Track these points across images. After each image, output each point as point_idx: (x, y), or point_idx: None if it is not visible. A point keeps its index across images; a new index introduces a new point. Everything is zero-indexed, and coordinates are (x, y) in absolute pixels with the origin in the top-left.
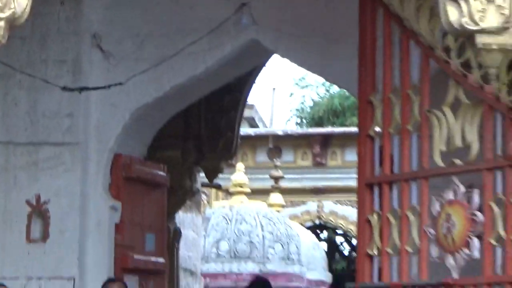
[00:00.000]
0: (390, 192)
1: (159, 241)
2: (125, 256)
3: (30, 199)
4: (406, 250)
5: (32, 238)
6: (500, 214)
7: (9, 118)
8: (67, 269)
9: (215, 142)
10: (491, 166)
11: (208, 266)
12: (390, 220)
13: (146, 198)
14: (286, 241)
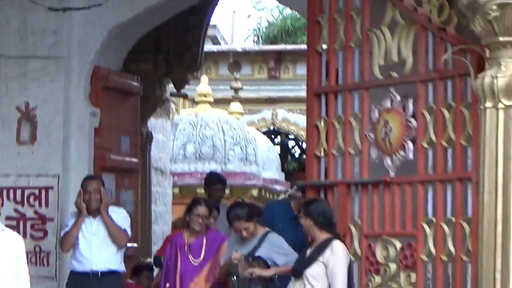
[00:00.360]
0: (335, 101)
1: (133, 143)
2: (103, 156)
3: (20, 105)
4: (349, 152)
5: (22, 140)
6: (431, 121)
7: (1, 35)
8: (53, 167)
9: (182, 57)
10: (424, 79)
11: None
12: (335, 125)
13: (122, 105)
14: (244, 144)
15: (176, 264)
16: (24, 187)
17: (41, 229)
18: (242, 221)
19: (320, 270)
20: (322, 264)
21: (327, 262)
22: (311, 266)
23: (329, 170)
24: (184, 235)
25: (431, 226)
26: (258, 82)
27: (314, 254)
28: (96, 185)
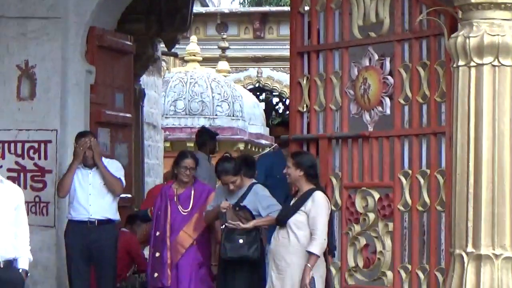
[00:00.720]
0: (317, 59)
1: (127, 99)
2: (98, 112)
3: (20, 64)
4: (330, 107)
5: (22, 97)
6: (407, 78)
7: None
8: (51, 122)
9: (173, 17)
10: (400, 38)
11: (167, 121)
12: (317, 82)
13: (116, 63)
14: (231, 101)
15: (166, 214)
16: (24, 140)
17: (41, 181)
18: (230, 175)
19: (302, 219)
20: (304, 213)
21: (308, 211)
22: (294, 215)
23: (311, 125)
24: (173, 187)
25: (407, 178)
26: (244, 42)
27: (297, 204)
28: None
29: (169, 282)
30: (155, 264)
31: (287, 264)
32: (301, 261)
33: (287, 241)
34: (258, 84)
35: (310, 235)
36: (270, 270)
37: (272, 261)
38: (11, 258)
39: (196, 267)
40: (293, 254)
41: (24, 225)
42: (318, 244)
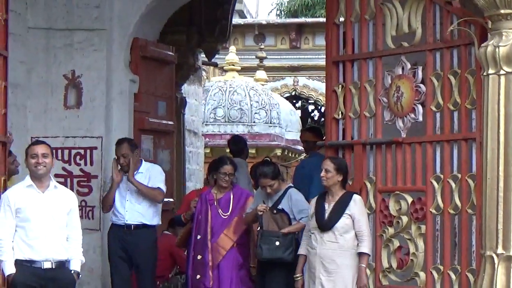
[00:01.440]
0: (351, 68)
1: (169, 107)
2: (142, 119)
3: (67, 73)
4: (365, 114)
5: (69, 105)
6: (439, 86)
7: (50, 8)
8: (96, 129)
9: (213, 29)
10: (432, 48)
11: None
12: (351, 90)
13: (158, 73)
14: (269, 108)
15: (207, 218)
16: (71, 147)
17: (87, 186)
18: (268, 179)
19: (348, 222)
20: (349, 216)
21: (353, 214)
22: (340, 219)
23: (346, 131)
24: (213, 192)
25: (439, 182)
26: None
27: (340, 208)
28: (124, 150)
29: (211, 283)
30: (197, 266)
31: (338, 266)
32: (351, 262)
33: (335, 244)
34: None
35: (355, 237)
36: (318, 273)
37: (319, 264)
38: (63, 259)
39: (236, 268)
40: (344, 256)
41: (77, 228)
42: (368, 244)
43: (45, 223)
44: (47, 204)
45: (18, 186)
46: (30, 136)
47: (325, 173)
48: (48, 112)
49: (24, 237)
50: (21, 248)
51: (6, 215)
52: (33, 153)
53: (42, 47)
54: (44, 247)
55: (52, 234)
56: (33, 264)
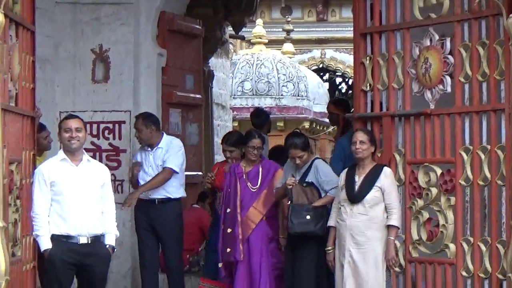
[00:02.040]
0: (379, 40)
1: (197, 81)
2: (170, 93)
3: (94, 48)
4: (393, 86)
5: (96, 79)
6: (467, 57)
7: None
8: (124, 104)
9: (239, 2)
10: (460, 19)
11: (235, 101)
12: (379, 62)
13: (186, 46)
14: (296, 81)
15: (236, 192)
16: (99, 121)
17: (115, 160)
18: (298, 149)
19: (378, 194)
20: (379, 189)
21: (383, 186)
22: (370, 192)
23: (375, 103)
24: (241, 165)
25: (468, 153)
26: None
27: (370, 180)
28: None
29: (241, 256)
30: (227, 240)
31: (368, 239)
32: (380, 234)
33: (365, 217)
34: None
35: (385, 209)
36: (348, 246)
37: (349, 236)
38: (98, 234)
39: (266, 241)
40: (373, 228)
41: (110, 202)
42: (397, 217)
43: (79, 196)
44: (81, 178)
45: (51, 160)
46: (58, 110)
47: (361, 145)
48: (76, 87)
49: (59, 211)
50: (57, 222)
51: (42, 189)
52: (67, 127)
53: (69, 22)
54: (80, 221)
55: (87, 207)
56: (69, 239)
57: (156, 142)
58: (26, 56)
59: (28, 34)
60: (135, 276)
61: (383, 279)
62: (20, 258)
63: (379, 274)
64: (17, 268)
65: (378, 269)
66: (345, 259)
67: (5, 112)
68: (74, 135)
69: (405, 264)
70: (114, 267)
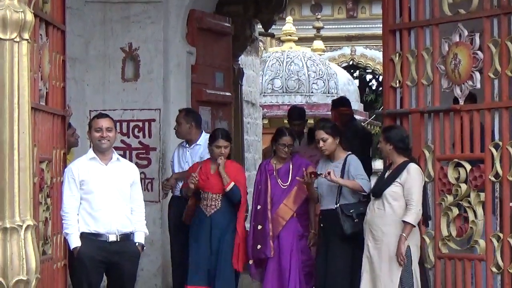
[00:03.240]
0: (408, 36)
1: (227, 78)
2: (199, 91)
3: (124, 46)
4: (422, 82)
5: (126, 78)
6: (496, 53)
7: None
8: (154, 102)
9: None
10: (489, 14)
11: (265, 99)
12: (409, 59)
13: (215, 44)
14: (326, 78)
15: (267, 189)
16: (129, 120)
17: (145, 158)
18: (322, 131)
19: (398, 190)
20: (400, 184)
21: (403, 182)
22: (389, 186)
23: (404, 100)
24: (272, 162)
25: (497, 149)
26: (337, 22)
27: (392, 175)
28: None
29: (272, 253)
30: (258, 236)
31: (383, 234)
32: (397, 231)
33: (383, 212)
34: (351, 62)
35: (406, 206)
36: (367, 240)
37: (368, 231)
38: (127, 232)
39: (296, 238)
40: (389, 224)
41: (139, 200)
42: (413, 214)
43: (109, 195)
44: (110, 176)
45: (81, 159)
46: (88, 109)
47: (379, 143)
48: (106, 85)
49: (89, 209)
50: (86, 220)
51: (71, 188)
52: (98, 127)
53: (99, 20)
54: (109, 219)
55: (117, 206)
56: (98, 237)
57: (194, 138)
58: (56, 55)
59: (58, 33)
60: (165, 274)
61: (396, 275)
62: (51, 256)
63: (392, 270)
64: (48, 266)
65: (392, 265)
66: (364, 253)
67: (36, 111)
68: (104, 134)
69: (434, 261)
70: (145, 265)
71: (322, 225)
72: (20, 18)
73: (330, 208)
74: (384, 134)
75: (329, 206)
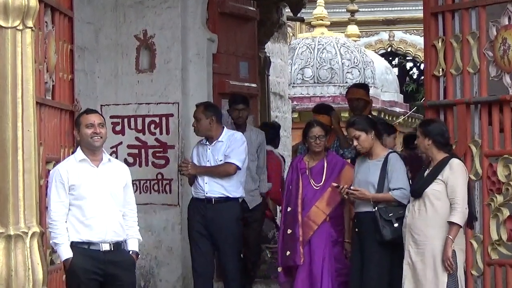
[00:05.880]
0: (452, 19)
1: (252, 68)
2: (222, 82)
3: (138, 34)
4: (468, 70)
5: (141, 68)
6: None
7: None
8: (172, 95)
9: None
10: None
11: (295, 90)
12: (453, 44)
13: (239, 30)
14: (362, 67)
15: (298, 189)
16: (144, 115)
17: (163, 157)
18: (353, 128)
19: (440, 188)
20: (442, 182)
21: (446, 180)
22: (431, 185)
23: (448, 90)
24: (305, 159)
25: None
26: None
27: (433, 173)
28: (197, 113)
29: (301, 260)
30: (287, 241)
31: (426, 237)
32: (441, 233)
33: (424, 213)
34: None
35: (450, 205)
36: (408, 245)
37: (409, 235)
38: (120, 240)
39: (329, 245)
40: (432, 226)
41: (132, 204)
42: (459, 213)
43: (102, 200)
44: (103, 180)
45: (70, 161)
46: (99, 104)
47: (417, 139)
48: (119, 77)
49: (80, 217)
50: (78, 229)
51: (59, 193)
52: (89, 123)
53: (111, 6)
54: (103, 226)
55: (110, 212)
56: (91, 246)
57: (215, 135)
58: (64, 45)
59: (66, 20)
60: (186, 285)
61: (443, 282)
62: (60, 266)
63: (438, 277)
64: (56, 277)
65: (438, 271)
66: (405, 260)
67: (41, 106)
68: (98, 131)
69: (483, 268)
70: (163, 275)
71: (357, 229)
72: (23, 3)
73: (366, 210)
74: (422, 128)
75: (365, 208)
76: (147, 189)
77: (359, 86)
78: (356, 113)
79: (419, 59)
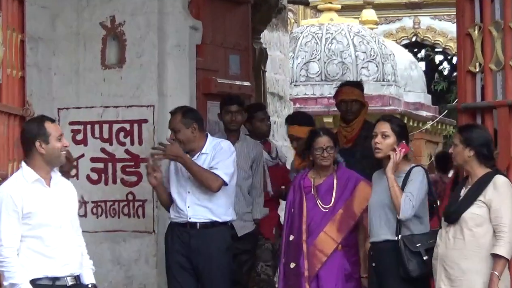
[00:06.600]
0: (491, 3)
1: (244, 63)
2: (207, 80)
3: (105, 20)
4: (511, 65)
5: (108, 64)
6: None
7: None
8: (146, 96)
9: None
10: None
11: (297, 90)
12: (492, 33)
13: (229, 16)
14: (380, 61)
15: (301, 212)
16: (112, 121)
17: (134, 172)
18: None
19: (482, 212)
20: (484, 204)
21: (489, 202)
22: (470, 208)
23: (486, 89)
24: (310, 176)
25: None
26: None
27: (473, 193)
28: (174, 123)
29: None
30: (290, 277)
31: (463, 272)
32: (481, 267)
33: (461, 242)
34: (415, 38)
35: (493, 233)
36: (439, 281)
37: (441, 269)
38: (79, 273)
39: (342, 279)
40: (471, 258)
41: (79, 229)
42: (507, 244)
43: (62, 226)
44: (58, 202)
45: (19, 183)
46: (57, 107)
47: (453, 147)
48: (81, 74)
49: (41, 248)
50: (38, 263)
51: (12, 223)
52: (59, 135)
53: None
54: (67, 258)
55: (72, 241)
56: (56, 282)
57: (198, 146)
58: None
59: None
60: None
61: None
62: None
63: None
64: None
65: None
66: None
67: None
68: (66, 143)
69: None
70: None
71: (374, 263)
72: None
73: (386, 239)
74: (462, 135)
75: (384, 236)
76: (114, 213)
77: (354, 84)
78: (349, 117)
79: (451, 51)
